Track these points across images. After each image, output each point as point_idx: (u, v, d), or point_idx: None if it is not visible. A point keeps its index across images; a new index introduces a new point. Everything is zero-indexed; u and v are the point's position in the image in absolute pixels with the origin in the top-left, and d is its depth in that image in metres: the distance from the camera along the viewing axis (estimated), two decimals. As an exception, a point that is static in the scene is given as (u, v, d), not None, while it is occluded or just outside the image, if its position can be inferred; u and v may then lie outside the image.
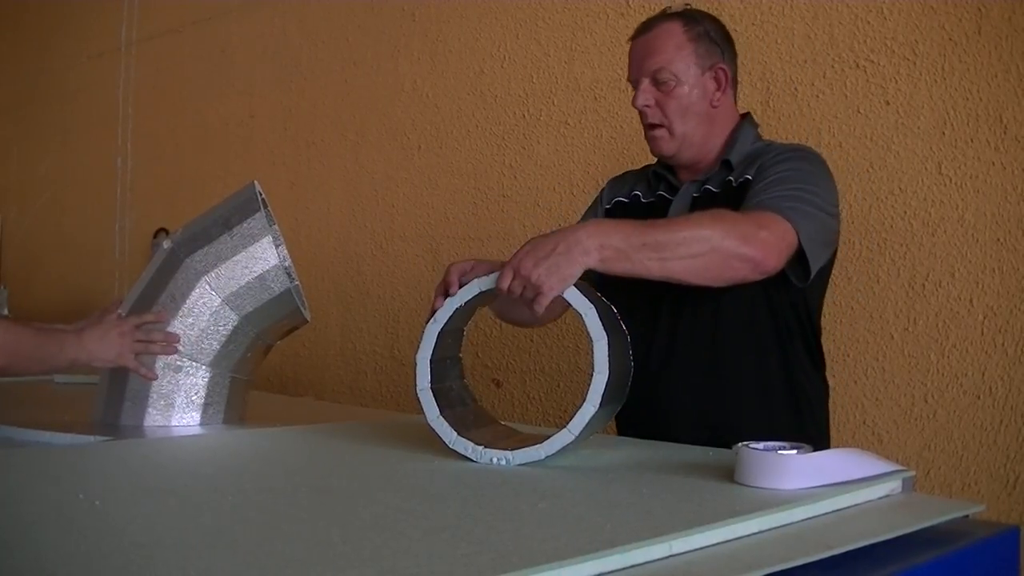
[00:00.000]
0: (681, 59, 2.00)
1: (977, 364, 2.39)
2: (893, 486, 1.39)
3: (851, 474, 1.36)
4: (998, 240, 2.37)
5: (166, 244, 2.10)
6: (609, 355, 1.56)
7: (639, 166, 2.29)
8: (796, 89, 2.68)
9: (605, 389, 1.56)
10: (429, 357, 1.65)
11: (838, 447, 1.51)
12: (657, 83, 2.01)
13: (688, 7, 2.09)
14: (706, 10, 2.14)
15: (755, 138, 2.09)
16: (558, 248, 1.59)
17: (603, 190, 2.27)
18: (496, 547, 1.04)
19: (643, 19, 2.01)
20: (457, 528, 1.14)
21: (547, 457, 1.58)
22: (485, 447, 1.60)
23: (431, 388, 1.64)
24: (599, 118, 3.17)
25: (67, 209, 5.88)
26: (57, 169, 5.98)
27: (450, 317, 1.66)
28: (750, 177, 1.96)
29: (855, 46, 2.60)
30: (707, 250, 1.71)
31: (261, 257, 2.04)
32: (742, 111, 2.17)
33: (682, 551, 1.07)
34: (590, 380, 1.57)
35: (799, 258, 1.86)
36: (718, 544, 1.11)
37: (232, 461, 1.70)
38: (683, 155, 2.06)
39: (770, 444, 1.40)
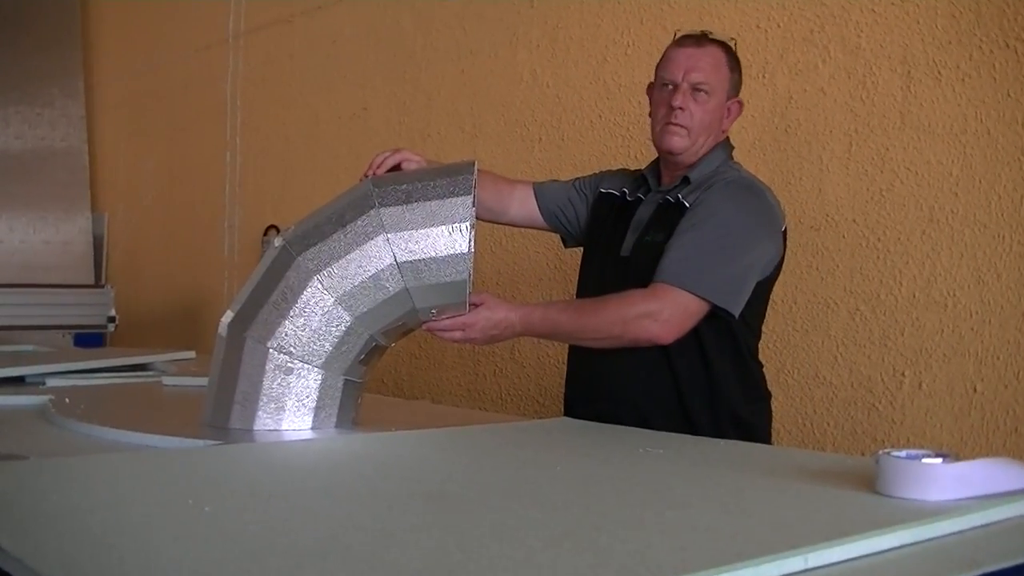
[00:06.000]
0: (720, 81, 2.34)
1: None
2: (1048, 500, 1.33)
3: (1001, 486, 1.33)
4: None
5: (277, 242, 2.09)
6: None
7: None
8: (940, 72, 2.63)
9: None
10: None
11: (987, 456, 1.46)
12: (695, 91, 2.31)
13: (733, 40, 2.41)
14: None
15: (722, 161, 2.38)
16: (497, 334, 2.15)
17: (600, 177, 2.60)
18: (620, 558, 1.04)
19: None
20: (580, 538, 1.14)
21: None
22: None
23: None
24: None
25: (174, 206, 5.94)
26: (164, 165, 6.06)
27: None
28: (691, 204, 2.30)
29: (1004, 24, 2.55)
30: (615, 335, 2.16)
31: (375, 256, 2.01)
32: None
33: (818, 565, 1.05)
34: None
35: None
36: (857, 558, 1.09)
37: (345, 466, 1.70)
38: (686, 156, 2.35)
39: (913, 452, 1.36)
